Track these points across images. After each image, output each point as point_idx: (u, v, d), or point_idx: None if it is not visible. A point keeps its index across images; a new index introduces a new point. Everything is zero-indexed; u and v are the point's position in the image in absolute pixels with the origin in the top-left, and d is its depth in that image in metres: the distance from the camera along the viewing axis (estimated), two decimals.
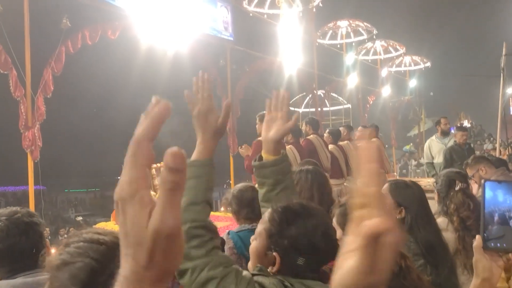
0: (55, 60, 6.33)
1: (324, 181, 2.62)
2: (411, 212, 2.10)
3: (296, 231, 1.25)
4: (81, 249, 0.88)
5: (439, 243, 2.07)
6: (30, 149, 6.00)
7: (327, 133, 6.48)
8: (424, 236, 2.04)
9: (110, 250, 0.89)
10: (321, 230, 1.26)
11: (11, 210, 1.57)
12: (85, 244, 0.89)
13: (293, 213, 1.29)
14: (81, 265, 0.86)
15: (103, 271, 0.85)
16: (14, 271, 1.49)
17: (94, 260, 0.87)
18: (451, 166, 5.28)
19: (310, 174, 2.58)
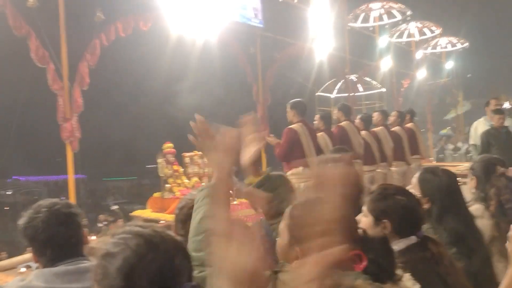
0: (90, 53, 6.49)
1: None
2: (437, 203, 2.08)
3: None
4: (122, 240, 0.93)
5: (470, 232, 2.03)
6: (69, 140, 6.21)
7: (358, 119, 6.38)
8: (452, 227, 2.02)
9: (146, 243, 0.92)
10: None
11: (50, 202, 1.65)
12: (126, 235, 0.94)
13: (311, 206, 1.29)
14: (120, 257, 0.90)
15: (137, 265, 0.89)
16: (56, 260, 1.56)
17: (133, 251, 0.91)
18: (488, 151, 5.11)
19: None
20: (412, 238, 1.72)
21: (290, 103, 5.14)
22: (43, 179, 27.50)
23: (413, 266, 1.63)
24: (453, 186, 2.15)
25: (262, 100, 9.65)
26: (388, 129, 6.56)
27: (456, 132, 19.96)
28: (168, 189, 6.32)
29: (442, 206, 2.08)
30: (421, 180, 2.19)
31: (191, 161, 6.92)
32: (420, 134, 7.39)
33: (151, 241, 0.93)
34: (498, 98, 6.89)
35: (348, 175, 0.46)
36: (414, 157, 6.93)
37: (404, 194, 1.79)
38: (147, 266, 0.88)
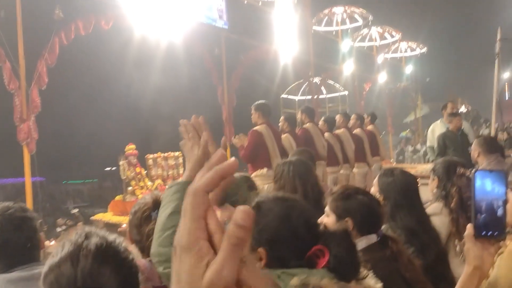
0: (49, 52, 6.28)
1: (306, 171, 2.60)
2: (390, 201, 2.18)
3: (274, 222, 1.27)
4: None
5: (424, 229, 2.13)
6: (26, 142, 5.99)
7: (322, 121, 6.49)
8: (404, 224, 2.13)
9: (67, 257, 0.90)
10: (302, 218, 1.29)
11: (3, 206, 1.57)
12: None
13: (269, 205, 1.32)
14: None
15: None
16: (10, 266, 1.50)
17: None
18: (445, 153, 5.29)
19: (292, 166, 2.58)
20: (372, 237, 1.76)
21: (255, 105, 5.16)
22: (0, 183, 26.41)
23: (374, 265, 1.66)
24: (408, 186, 2.25)
25: (227, 102, 9.63)
26: (350, 131, 6.70)
27: (415, 135, 20.60)
28: (131, 192, 6.21)
29: (395, 203, 2.19)
30: (379, 179, 2.31)
31: (154, 163, 6.82)
32: (380, 136, 7.59)
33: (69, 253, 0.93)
34: (454, 102, 7.16)
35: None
36: (375, 158, 7.10)
37: (364, 194, 1.84)
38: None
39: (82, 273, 0.85)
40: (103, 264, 0.87)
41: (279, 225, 1.27)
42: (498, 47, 6.89)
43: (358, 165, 6.72)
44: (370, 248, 1.74)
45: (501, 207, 1.06)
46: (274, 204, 1.32)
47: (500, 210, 1.06)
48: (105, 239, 0.93)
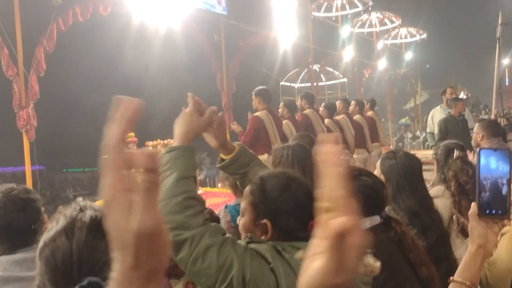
0: (47, 38, 6.23)
1: (305, 156, 2.59)
2: (392, 182, 2.20)
3: (279, 193, 1.30)
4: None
5: (425, 210, 2.14)
6: (25, 129, 5.97)
7: (322, 107, 6.47)
8: (406, 205, 2.14)
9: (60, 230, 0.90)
10: (303, 188, 1.32)
11: (7, 187, 1.57)
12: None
13: (271, 179, 1.34)
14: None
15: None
16: (14, 247, 1.50)
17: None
18: (446, 138, 5.29)
19: (291, 150, 2.57)
20: (376, 218, 1.76)
21: (255, 91, 5.14)
22: (0, 171, 26.44)
23: (378, 246, 1.67)
24: (410, 168, 2.25)
25: (226, 88, 9.59)
26: (349, 117, 6.68)
27: (414, 121, 20.61)
28: None
29: (397, 185, 2.19)
30: (382, 162, 2.30)
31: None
32: (380, 122, 7.58)
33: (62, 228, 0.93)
34: (454, 88, 7.13)
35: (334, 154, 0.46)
36: (374, 144, 7.11)
37: (368, 175, 1.83)
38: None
39: (77, 245, 0.84)
40: (98, 237, 0.86)
41: (280, 196, 1.29)
42: (499, 31, 6.85)
43: (358, 151, 6.73)
44: (373, 229, 1.74)
45: (505, 186, 1.06)
46: (274, 177, 1.35)
47: (505, 189, 1.06)
48: (100, 212, 0.92)
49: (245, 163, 1.57)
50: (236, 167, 1.56)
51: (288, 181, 1.33)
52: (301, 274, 0.47)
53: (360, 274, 1.24)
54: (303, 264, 0.47)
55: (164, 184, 1.26)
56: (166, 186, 1.26)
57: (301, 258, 1.14)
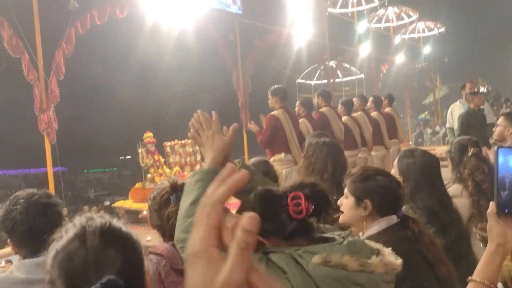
0: (66, 42, 6.34)
1: (338, 153, 2.66)
2: (410, 182, 2.17)
3: (255, 202, 1.33)
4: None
5: (444, 210, 2.10)
6: (47, 132, 6.09)
7: (340, 105, 6.43)
8: (424, 204, 2.11)
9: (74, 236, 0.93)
10: (262, 193, 1.34)
11: (28, 192, 1.61)
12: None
13: (266, 196, 1.35)
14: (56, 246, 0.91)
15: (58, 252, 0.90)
16: (36, 250, 1.54)
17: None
18: (467, 132, 5.20)
19: (326, 146, 2.63)
20: (392, 218, 1.75)
21: (271, 90, 5.14)
22: (22, 173, 27.02)
23: (395, 245, 1.66)
24: (428, 166, 2.23)
25: (242, 87, 9.61)
26: (367, 114, 6.62)
27: (434, 116, 20.30)
28: (150, 179, 6.28)
29: (414, 184, 2.17)
30: (399, 161, 2.28)
31: (172, 150, 6.88)
32: (398, 118, 7.49)
33: (77, 233, 0.93)
34: (473, 82, 7.01)
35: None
36: (393, 141, 7.03)
37: (384, 175, 1.82)
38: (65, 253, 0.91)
39: (92, 248, 0.87)
40: (108, 243, 0.89)
41: (258, 204, 1.32)
42: None
43: (376, 148, 6.66)
44: (390, 229, 1.73)
45: None
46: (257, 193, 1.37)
47: None
48: (108, 220, 0.95)
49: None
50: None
51: (257, 197, 1.35)
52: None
53: (381, 273, 1.24)
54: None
55: (182, 207, 1.36)
56: (183, 209, 1.35)
57: (318, 262, 1.15)
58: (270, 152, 4.98)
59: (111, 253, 0.87)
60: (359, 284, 1.19)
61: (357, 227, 1.89)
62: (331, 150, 2.62)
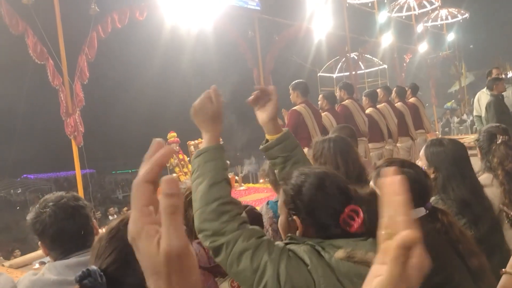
0: (88, 46, 6.46)
1: (348, 148, 2.55)
2: (442, 172, 2.09)
3: (308, 189, 1.30)
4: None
5: (477, 200, 2.03)
6: (73, 135, 6.23)
7: (364, 96, 6.34)
8: (457, 195, 2.03)
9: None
10: (331, 180, 1.31)
11: (57, 196, 1.64)
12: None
13: (302, 176, 1.33)
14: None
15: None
16: (67, 252, 1.57)
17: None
18: (502, 116, 5.07)
19: (332, 143, 2.53)
20: (421, 210, 1.71)
21: (292, 85, 5.10)
22: (53, 176, 27.74)
23: (424, 238, 1.62)
24: (459, 155, 2.14)
25: (263, 84, 9.60)
26: (391, 105, 6.51)
27: (460, 105, 19.83)
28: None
29: (447, 175, 2.09)
30: (427, 151, 2.21)
31: (196, 149, 6.93)
32: (423, 108, 7.33)
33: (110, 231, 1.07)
34: (500, 68, 6.82)
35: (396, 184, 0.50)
36: (419, 131, 6.89)
37: (410, 166, 1.78)
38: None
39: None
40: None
41: (312, 191, 1.29)
42: None
43: (402, 140, 6.55)
44: (419, 221, 1.69)
45: None
46: (305, 174, 1.34)
47: None
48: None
49: (290, 147, 1.57)
50: (280, 149, 1.55)
51: (319, 177, 1.32)
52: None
53: None
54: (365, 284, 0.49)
55: (197, 192, 1.30)
56: (200, 194, 1.29)
57: (341, 257, 1.13)
58: None
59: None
60: None
61: None
62: (339, 147, 2.51)
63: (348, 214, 1.23)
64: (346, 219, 1.23)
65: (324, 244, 1.22)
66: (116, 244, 1.04)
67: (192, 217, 1.82)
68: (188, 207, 1.86)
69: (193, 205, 1.33)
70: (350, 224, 1.22)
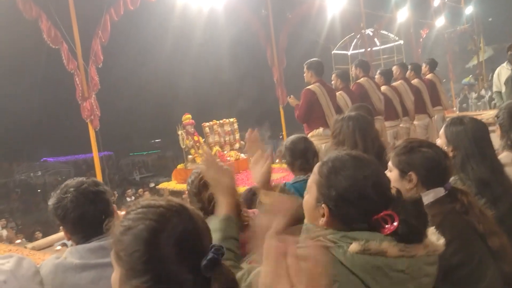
0: (102, 30, 6.46)
1: (367, 126, 2.51)
2: (461, 151, 2.06)
3: (344, 181, 1.24)
4: (140, 214, 0.95)
5: (496, 180, 1.99)
6: (90, 119, 6.29)
7: (378, 74, 6.23)
8: (476, 174, 2.00)
9: (167, 211, 0.95)
10: (372, 180, 1.23)
11: (78, 181, 1.67)
12: (144, 209, 0.96)
13: (341, 163, 1.27)
14: (142, 227, 0.92)
15: (163, 229, 0.92)
16: (88, 236, 1.61)
17: (154, 221, 0.93)
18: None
19: (352, 121, 2.49)
20: (440, 190, 1.69)
21: (307, 64, 5.04)
22: (71, 159, 28.21)
23: (444, 218, 1.61)
24: (479, 135, 2.10)
25: (277, 63, 9.51)
26: (408, 82, 6.40)
27: (478, 80, 19.41)
28: (191, 160, 6.39)
29: (466, 154, 2.05)
30: (447, 130, 2.17)
31: (211, 131, 6.94)
32: (440, 84, 7.19)
33: (171, 208, 0.97)
34: None
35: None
36: (436, 108, 6.78)
37: (429, 146, 1.75)
38: (173, 229, 0.92)
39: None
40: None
41: (346, 184, 1.23)
42: None
43: (419, 117, 6.45)
44: (438, 202, 1.67)
45: None
46: (345, 162, 1.28)
47: None
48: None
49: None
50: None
51: (359, 169, 1.25)
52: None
53: (422, 256, 1.19)
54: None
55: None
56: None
57: (356, 251, 1.11)
58: (308, 127, 4.92)
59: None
60: (400, 270, 1.14)
61: None
62: (358, 124, 2.47)
63: (383, 218, 1.18)
64: (379, 220, 1.19)
65: (337, 236, 1.19)
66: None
67: (207, 198, 1.84)
68: (202, 189, 1.88)
69: None
70: (382, 226, 1.18)
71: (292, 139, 2.72)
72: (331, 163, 1.29)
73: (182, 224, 0.93)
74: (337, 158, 1.30)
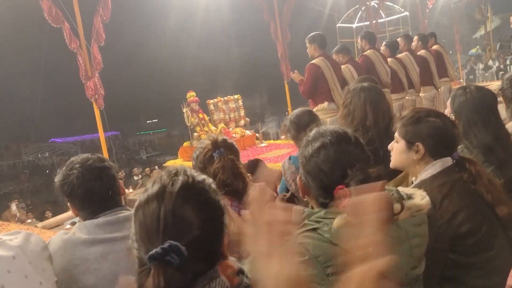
0: (103, 7, 6.37)
1: (378, 98, 2.49)
2: (462, 119, 2.06)
3: (310, 154, 1.31)
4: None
5: (500, 146, 1.98)
6: (94, 98, 6.27)
7: (383, 46, 6.13)
8: (479, 141, 2.01)
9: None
10: (333, 145, 1.28)
11: (83, 157, 1.67)
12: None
13: (317, 140, 1.32)
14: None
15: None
16: (95, 212, 1.61)
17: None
18: None
19: (363, 92, 2.47)
20: (447, 160, 1.68)
21: (309, 38, 4.96)
22: (79, 139, 28.40)
23: (452, 187, 1.60)
24: (482, 101, 2.09)
25: (281, 38, 9.39)
26: (413, 54, 6.30)
27: (486, 50, 19.09)
28: (197, 138, 6.40)
29: (467, 121, 2.06)
30: (452, 99, 2.16)
31: (216, 108, 6.92)
32: (447, 55, 7.07)
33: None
34: None
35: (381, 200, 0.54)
36: (443, 80, 6.69)
37: (436, 115, 1.73)
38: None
39: (165, 210, 0.89)
40: (186, 202, 0.91)
41: (311, 156, 1.30)
42: None
43: (425, 89, 6.37)
44: (445, 172, 1.66)
45: None
46: (323, 134, 1.33)
47: None
48: (192, 178, 0.98)
49: None
50: None
51: (323, 141, 1.30)
52: None
53: (406, 218, 1.21)
54: None
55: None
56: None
57: (341, 225, 1.12)
58: (313, 102, 4.88)
59: (188, 212, 0.90)
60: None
61: (410, 172, 1.84)
62: (369, 95, 2.46)
63: (337, 192, 1.20)
64: (339, 195, 1.21)
65: (321, 214, 1.21)
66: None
67: (212, 173, 1.83)
68: (207, 164, 1.87)
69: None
70: (339, 201, 1.20)
71: (297, 113, 2.70)
72: (308, 141, 1.35)
73: None
74: (312, 135, 1.36)
